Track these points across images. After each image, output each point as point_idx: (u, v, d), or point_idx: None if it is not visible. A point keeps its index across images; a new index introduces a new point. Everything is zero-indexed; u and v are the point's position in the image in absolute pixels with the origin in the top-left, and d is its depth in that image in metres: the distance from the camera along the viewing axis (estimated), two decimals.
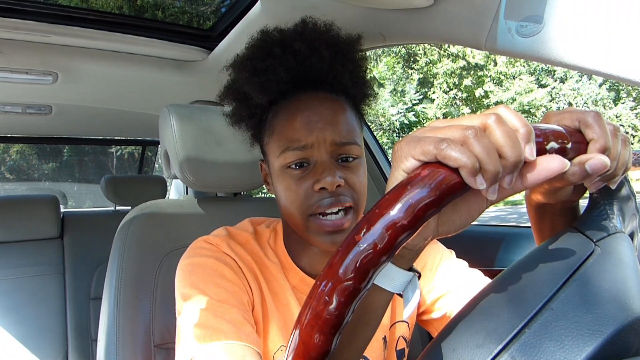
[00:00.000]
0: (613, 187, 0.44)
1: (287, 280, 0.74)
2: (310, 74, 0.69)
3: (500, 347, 0.34)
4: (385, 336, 0.79)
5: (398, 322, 0.81)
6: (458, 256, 0.88)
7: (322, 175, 0.64)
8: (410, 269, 0.46)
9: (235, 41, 1.26)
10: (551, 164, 0.35)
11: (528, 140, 0.34)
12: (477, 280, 0.78)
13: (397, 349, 0.81)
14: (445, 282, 0.79)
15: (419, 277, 0.47)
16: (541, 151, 0.36)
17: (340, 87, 0.72)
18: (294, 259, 0.76)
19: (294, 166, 0.67)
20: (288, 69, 0.68)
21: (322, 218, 0.66)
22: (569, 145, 0.37)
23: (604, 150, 0.39)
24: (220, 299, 0.65)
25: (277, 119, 0.70)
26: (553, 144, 0.36)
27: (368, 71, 0.77)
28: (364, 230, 0.32)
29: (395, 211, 0.31)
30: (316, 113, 0.67)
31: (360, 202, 0.69)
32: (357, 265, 0.31)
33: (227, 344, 0.60)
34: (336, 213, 0.65)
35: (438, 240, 0.85)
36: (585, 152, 0.39)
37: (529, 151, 0.34)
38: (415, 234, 0.34)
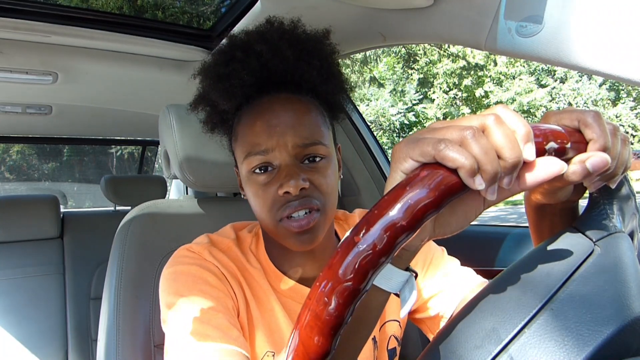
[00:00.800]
0: (613, 186, 0.44)
1: (270, 285, 0.73)
2: (274, 76, 0.68)
3: (500, 347, 0.34)
4: (374, 336, 0.78)
5: (388, 321, 0.80)
6: (458, 256, 0.88)
7: (285, 179, 0.63)
8: (407, 269, 0.46)
9: None
10: (549, 166, 0.35)
11: (527, 141, 0.34)
12: (469, 280, 0.78)
13: (389, 348, 0.80)
14: (438, 281, 0.79)
15: (416, 276, 0.47)
16: (540, 151, 0.36)
17: (307, 85, 0.70)
18: (276, 263, 0.75)
19: (258, 171, 0.67)
20: (251, 72, 0.67)
21: (288, 221, 0.65)
22: (569, 145, 0.37)
23: (604, 150, 0.39)
24: (205, 305, 0.64)
25: (240, 124, 0.69)
26: (552, 144, 0.36)
27: (339, 65, 0.75)
28: (363, 231, 0.32)
29: (395, 212, 0.31)
30: (276, 116, 0.66)
31: (328, 202, 0.67)
32: (357, 266, 0.31)
33: (216, 347, 0.60)
34: (302, 215, 0.65)
35: (438, 240, 0.85)
36: (585, 151, 0.39)
37: (528, 152, 0.34)
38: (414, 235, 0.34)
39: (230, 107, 0.70)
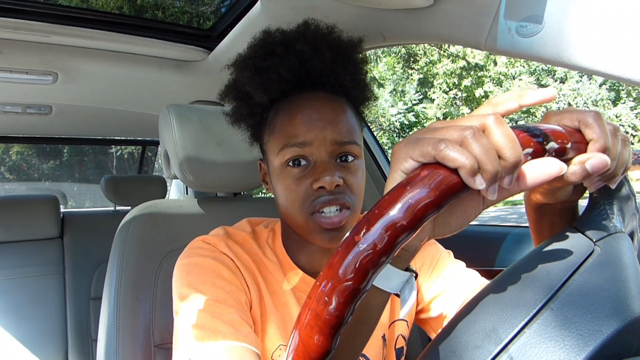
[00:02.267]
0: (613, 186, 0.44)
1: (286, 279, 0.74)
2: (312, 75, 0.69)
3: (500, 347, 0.34)
4: (384, 334, 0.79)
5: (397, 320, 0.81)
6: (458, 256, 0.88)
7: (322, 175, 0.64)
8: (407, 269, 0.46)
9: (235, 41, 1.26)
10: (549, 167, 0.35)
11: None
12: (473, 281, 0.78)
13: (397, 347, 0.81)
14: (442, 281, 0.79)
15: (416, 276, 0.47)
16: (541, 151, 0.36)
17: (341, 88, 0.72)
18: (293, 257, 0.76)
19: (292, 164, 0.67)
20: (290, 69, 0.68)
21: (320, 215, 0.66)
22: (569, 145, 0.37)
23: (604, 150, 0.39)
24: (217, 299, 0.64)
25: (278, 117, 0.70)
26: (553, 144, 0.36)
27: (368, 73, 0.77)
28: (364, 230, 0.32)
29: (395, 211, 0.31)
30: (317, 111, 0.67)
31: (357, 203, 0.68)
32: (357, 265, 0.31)
33: (226, 344, 0.60)
34: (334, 211, 0.66)
35: (437, 240, 0.86)
36: (585, 151, 0.39)
37: None
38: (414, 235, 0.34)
39: (265, 100, 0.71)
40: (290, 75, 0.68)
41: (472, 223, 0.44)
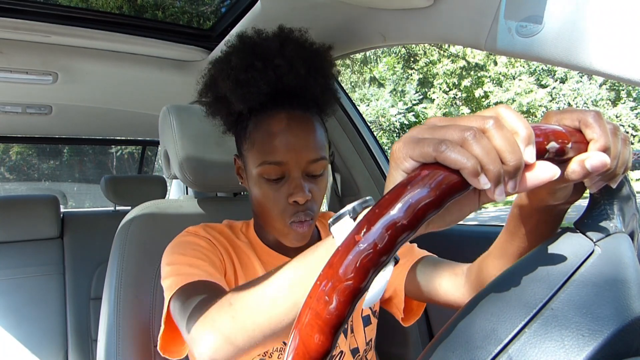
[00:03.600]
0: (614, 186, 0.44)
1: (257, 255, 0.86)
2: (287, 89, 0.77)
3: (499, 347, 0.34)
4: None
5: None
6: (457, 256, 0.88)
7: (295, 191, 0.76)
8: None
9: None
10: (546, 170, 0.35)
11: (528, 144, 0.34)
12: (409, 249, 0.90)
13: (362, 315, 0.91)
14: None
15: (396, 263, 0.47)
16: (541, 151, 0.36)
17: (312, 100, 0.80)
18: (263, 240, 0.89)
19: (268, 177, 0.77)
20: (268, 83, 0.76)
21: (293, 226, 0.78)
22: (569, 145, 0.37)
23: (605, 150, 0.39)
24: (196, 257, 0.76)
25: (258, 133, 0.78)
26: (553, 144, 0.36)
27: (335, 77, 0.86)
28: (364, 230, 0.32)
29: (395, 211, 0.32)
30: (293, 134, 0.76)
31: (319, 210, 0.82)
32: (357, 265, 0.31)
33: (202, 281, 0.71)
34: (304, 221, 0.78)
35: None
36: (585, 151, 0.39)
37: (529, 155, 0.34)
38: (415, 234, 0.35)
39: (244, 109, 0.80)
40: (268, 89, 0.76)
41: (472, 223, 0.44)
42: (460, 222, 0.46)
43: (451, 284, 0.77)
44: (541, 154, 0.36)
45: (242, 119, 0.82)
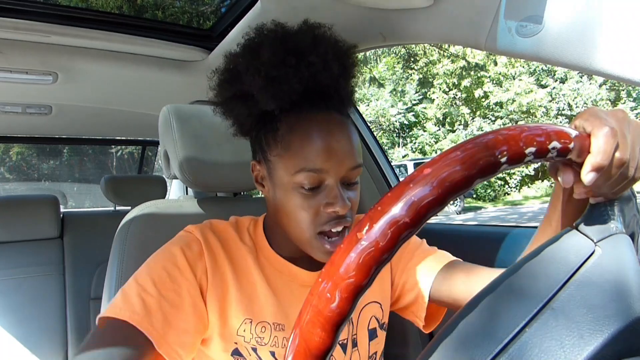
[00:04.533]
0: (592, 201, 0.46)
1: (258, 260, 0.79)
2: (321, 88, 0.71)
3: (500, 346, 0.34)
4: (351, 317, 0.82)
5: (369, 303, 0.84)
6: (457, 256, 0.88)
7: (336, 200, 0.68)
8: None
9: (235, 41, 1.26)
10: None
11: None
12: (439, 255, 0.84)
13: (369, 328, 0.84)
14: (414, 265, 0.84)
15: None
16: (544, 150, 0.36)
17: (342, 101, 0.74)
18: (272, 245, 0.80)
19: (306, 188, 0.70)
20: (301, 81, 0.68)
21: (327, 239, 0.70)
22: (571, 145, 0.38)
23: (596, 169, 0.40)
24: (156, 279, 0.69)
25: (294, 135, 0.70)
26: (555, 143, 0.37)
27: (360, 76, 0.79)
28: (367, 227, 0.32)
29: (398, 209, 0.32)
30: (335, 139, 0.69)
31: (355, 219, 0.75)
32: (360, 262, 0.31)
33: (125, 324, 0.64)
34: (339, 233, 0.71)
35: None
36: (586, 155, 0.40)
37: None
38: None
39: (274, 108, 0.71)
40: (301, 87, 0.69)
41: (471, 223, 0.44)
42: (461, 222, 0.47)
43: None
44: (543, 154, 0.36)
45: (269, 119, 0.73)
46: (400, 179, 0.65)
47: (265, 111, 0.72)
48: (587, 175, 0.40)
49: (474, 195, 16.87)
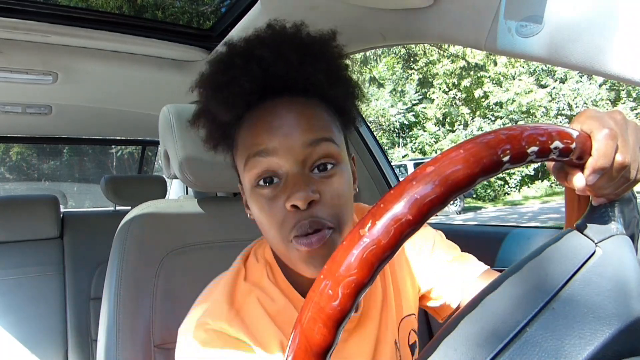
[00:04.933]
0: (595, 203, 0.46)
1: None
2: (277, 81, 0.62)
3: (501, 345, 0.34)
4: (396, 340, 0.73)
5: (405, 317, 0.76)
6: None
7: (293, 190, 0.56)
8: None
9: None
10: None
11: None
12: (473, 266, 0.76)
13: (410, 343, 0.76)
14: (444, 266, 0.76)
15: None
16: (546, 150, 0.36)
17: (315, 89, 0.64)
18: (297, 287, 0.67)
19: (262, 183, 0.59)
20: (252, 79, 0.61)
21: (298, 242, 0.57)
22: (573, 145, 0.38)
23: (597, 171, 0.40)
24: None
25: (240, 131, 0.63)
26: (557, 143, 0.37)
27: (350, 69, 0.69)
28: (369, 224, 0.32)
29: (401, 207, 0.32)
30: (278, 117, 0.59)
31: (342, 218, 0.60)
32: (362, 259, 0.31)
33: None
34: (311, 232, 0.57)
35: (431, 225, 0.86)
36: (588, 156, 0.40)
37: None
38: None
39: (231, 117, 0.64)
40: (254, 86, 0.61)
41: (471, 223, 0.44)
42: (461, 222, 0.47)
43: None
44: (546, 153, 0.36)
45: (229, 129, 0.67)
46: (400, 179, 0.65)
47: (229, 124, 0.66)
48: (590, 177, 0.41)
49: (474, 195, 16.87)
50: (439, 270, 0.77)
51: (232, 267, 0.72)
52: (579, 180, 0.42)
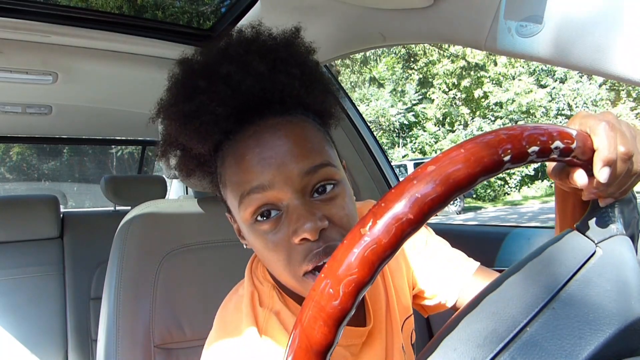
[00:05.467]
0: (602, 204, 0.45)
1: None
2: (252, 99, 0.56)
3: (501, 345, 0.34)
4: (402, 345, 0.71)
5: (407, 319, 0.75)
6: None
7: (299, 223, 0.52)
8: None
9: None
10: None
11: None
12: (465, 264, 0.75)
13: (412, 342, 0.76)
14: (437, 264, 0.75)
15: None
16: (546, 150, 0.36)
17: (292, 100, 0.59)
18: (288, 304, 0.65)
19: (260, 218, 0.54)
20: (222, 102, 0.55)
21: (316, 274, 0.53)
22: (574, 145, 0.38)
23: (607, 163, 0.40)
24: None
25: (225, 166, 0.58)
26: (558, 143, 0.37)
27: (318, 64, 0.64)
28: (370, 223, 0.32)
29: (402, 206, 0.32)
30: (268, 147, 0.54)
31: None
32: (363, 258, 0.31)
33: None
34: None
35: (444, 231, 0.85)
36: (591, 155, 0.40)
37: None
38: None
39: (207, 148, 0.59)
40: (227, 109, 0.55)
41: (472, 223, 0.44)
42: (461, 222, 0.47)
43: None
44: (546, 153, 0.36)
45: (207, 160, 0.62)
46: (400, 179, 0.65)
47: (206, 155, 0.61)
48: (601, 172, 0.40)
49: (474, 195, 16.88)
50: (433, 268, 0.76)
51: (246, 290, 0.66)
52: (581, 178, 0.41)
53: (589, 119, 0.42)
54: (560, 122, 15.97)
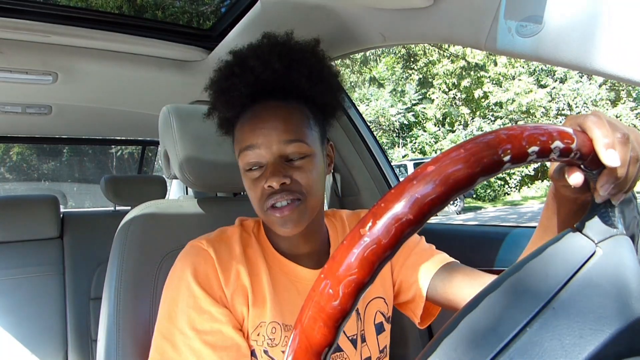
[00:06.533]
0: (615, 202, 0.44)
1: (265, 261, 0.83)
2: (265, 86, 0.79)
3: (501, 345, 0.34)
4: (358, 309, 0.87)
5: (374, 299, 0.89)
6: (458, 256, 0.88)
7: (269, 176, 0.75)
8: None
9: (235, 41, 1.26)
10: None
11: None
12: (436, 256, 0.87)
13: (375, 322, 0.89)
14: (413, 263, 0.88)
15: None
16: (546, 150, 0.36)
17: (296, 91, 0.80)
18: (275, 245, 0.86)
19: (250, 168, 0.78)
20: (247, 85, 0.79)
21: (273, 210, 0.76)
22: (574, 145, 0.38)
23: (610, 146, 0.40)
24: (186, 320, 0.74)
25: (237, 127, 0.82)
26: (558, 143, 0.37)
27: (331, 68, 0.85)
28: (370, 224, 0.32)
29: (401, 206, 0.32)
30: (262, 120, 0.77)
31: (310, 193, 0.78)
32: (362, 259, 0.31)
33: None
34: (284, 204, 0.76)
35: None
36: (591, 150, 0.40)
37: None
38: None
39: (232, 115, 0.83)
40: (248, 90, 0.79)
41: (471, 223, 0.44)
42: (461, 222, 0.47)
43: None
44: (546, 153, 0.36)
45: (231, 123, 0.85)
46: (401, 179, 0.65)
47: (229, 119, 0.84)
48: (608, 154, 0.40)
49: (474, 195, 16.88)
50: (410, 266, 0.89)
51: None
52: (576, 177, 0.42)
53: (577, 119, 0.43)
54: (560, 122, 15.90)
